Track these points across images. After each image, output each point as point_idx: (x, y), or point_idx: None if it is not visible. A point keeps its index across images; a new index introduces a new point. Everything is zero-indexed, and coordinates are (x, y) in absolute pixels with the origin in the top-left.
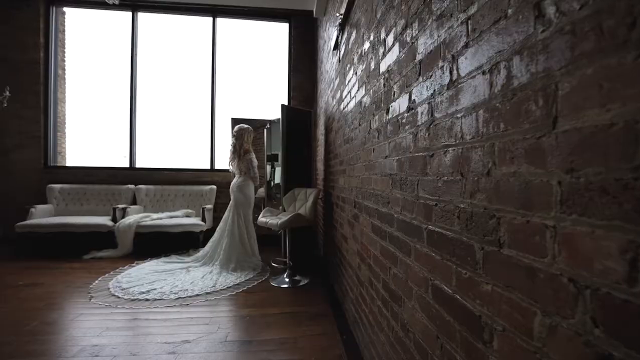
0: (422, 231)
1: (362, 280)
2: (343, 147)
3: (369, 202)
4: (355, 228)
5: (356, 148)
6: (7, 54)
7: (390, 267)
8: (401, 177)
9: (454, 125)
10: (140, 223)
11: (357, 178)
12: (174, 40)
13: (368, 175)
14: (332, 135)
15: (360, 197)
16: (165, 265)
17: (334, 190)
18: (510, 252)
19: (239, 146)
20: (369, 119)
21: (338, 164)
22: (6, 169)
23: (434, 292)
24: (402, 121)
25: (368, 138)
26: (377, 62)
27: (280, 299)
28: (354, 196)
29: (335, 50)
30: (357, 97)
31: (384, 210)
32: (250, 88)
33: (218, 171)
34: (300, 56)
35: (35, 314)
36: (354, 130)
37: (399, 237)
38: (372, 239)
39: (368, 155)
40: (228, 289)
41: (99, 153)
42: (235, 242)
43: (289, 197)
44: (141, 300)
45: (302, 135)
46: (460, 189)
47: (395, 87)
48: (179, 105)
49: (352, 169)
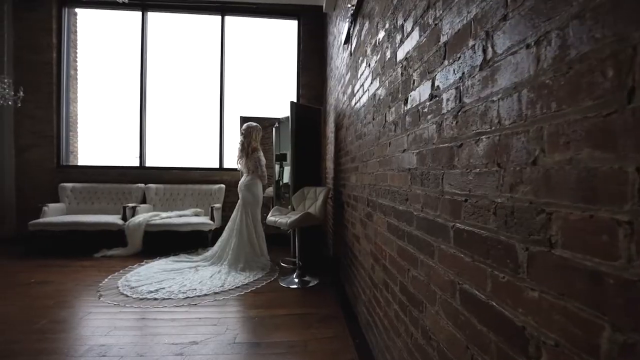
0: (448, 230)
1: (375, 282)
2: (355, 144)
3: (384, 199)
4: (369, 227)
5: (369, 144)
6: (22, 55)
7: (409, 268)
8: (422, 172)
9: (488, 110)
10: (149, 222)
11: (371, 175)
12: (183, 39)
13: (383, 171)
14: (343, 132)
15: (374, 195)
16: (174, 264)
17: (344, 189)
18: (565, 253)
19: (247, 144)
20: (384, 112)
21: (349, 161)
22: (21, 168)
23: (463, 297)
24: (423, 111)
25: (383, 132)
26: (393, 51)
27: (290, 299)
28: (367, 194)
29: (346, 44)
30: (370, 90)
31: (402, 207)
32: (259, 86)
33: (227, 170)
34: (309, 53)
35: (45, 312)
36: (367, 125)
37: (419, 237)
38: (387, 238)
39: (383, 150)
40: (236, 289)
41: (110, 152)
42: (243, 242)
43: (298, 195)
44: (149, 300)
45: (311, 133)
46: (496, 181)
47: (414, 75)
48: (188, 105)
49: (365, 166)
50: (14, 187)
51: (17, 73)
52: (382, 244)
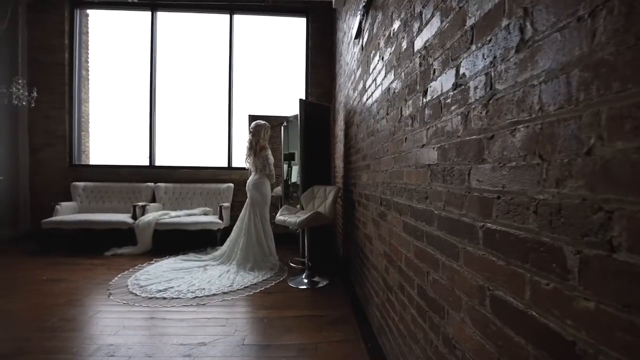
0: (477, 230)
1: (390, 285)
2: (367, 141)
3: (400, 198)
4: (382, 227)
5: (383, 140)
6: (36, 56)
7: (429, 271)
8: (444, 168)
9: (527, 96)
10: (159, 220)
11: (384, 173)
12: (191, 38)
13: (398, 168)
14: (353, 129)
15: (388, 193)
16: (183, 264)
17: (355, 188)
18: (631, 258)
19: (255, 143)
20: (399, 106)
21: (360, 159)
22: (35, 167)
23: (495, 304)
24: (445, 102)
25: (398, 127)
26: (410, 41)
27: (299, 300)
28: (380, 192)
29: (357, 38)
30: (383, 84)
31: (420, 206)
32: (268, 85)
33: (235, 169)
34: (318, 51)
35: (55, 310)
36: (380, 121)
37: (440, 237)
38: (403, 239)
39: (398, 146)
40: (245, 289)
41: (121, 151)
42: (252, 242)
43: (308, 195)
44: (158, 299)
45: (320, 131)
46: (538, 175)
47: (435, 64)
48: (197, 104)
49: (378, 163)
50: (29, 185)
51: (31, 74)
52: (397, 245)
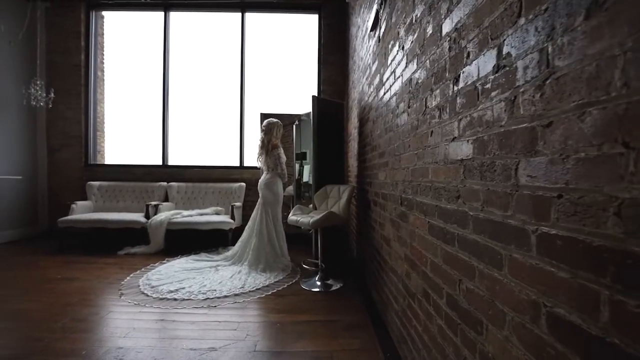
0: (528, 235)
1: (412, 291)
2: (384, 137)
3: (425, 197)
4: (402, 229)
5: (403, 135)
6: (54, 58)
7: (461, 279)
8: (482, 162)
9: (603, 71)
10: (171, 220)
11: (405, 170)
12: (203, 38)
13: (422, 165)
14: (369, 126)
15: (410, 192)
16: (195, 264)
17: (370, 187)
18: None
19: (268, 141)
20: (423, 98)
21: (377, 156)
22: (53, 167)
23: (554, 324)
24: (484, 87)
25: (422, 120)
26: (437, 24)
27: (312, 304)
28: (400, 191)
29: (373, 31)
30: (404, 75)
31: (451, 206)
32: (279, 83)
33: (247, 168)
34: (330, 47)
35: (68, 310)
36: (400, 115)
37: (477, 242)
38: (429, 242)
39: (422, 141)
40: (257, 291)
41: (135, 151)
42: (263, 242)
43: (321, 194)
44: (169, 300)
45: (333, 128)
46: (619, 168)
47: (470, 46)
48: (209, 103)
49: (398, 161)
50: (47, 185)
51: (49, 76)
52: (421, 248)
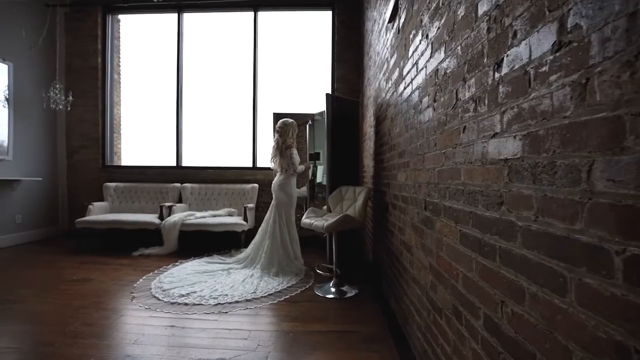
0: (609, 256)
1: (438, 306)
2: (404, 136)
3: (455, 202)
4: (427, 236)
5: (428, 132)
6: (73, 62)
7: (504, 301)
8: (535, 162)
9: None
10: (184, 221)
11: (430, 171)
12: (216, 38)
13: (452, 165)
14: (387, 124)
15: (436, 196)
16: (207, 266)
17: (388, 189)
18: None
19: (282, 142)
20: (453, 89)
21: (396, 156)
22: (72, 169)
23: None
24: (538, 71)
25: (452, 115)
26: (471, 4)
27: (327, 312)
28: (424, 195)
29: (391, 22)
30: (428, 66)
31: (490, 214)
32: (292, 82)
33: (260, 169)
34: (344, 44)
35: (80, 313)
36: (424, 111)
37: (529, 259)
38: (461, 253)
39: (452, 138)
40: (269, 297)
41: (151, 152)
42: (276, 245)
43: (336, 196)
44: (180, 305)
45: (348, 128)
46: None
47: (517, 24)
48: (222, 103)
49: (420, 160)
50: (67, 186)
51: (68, 79)
52: (450, 260)
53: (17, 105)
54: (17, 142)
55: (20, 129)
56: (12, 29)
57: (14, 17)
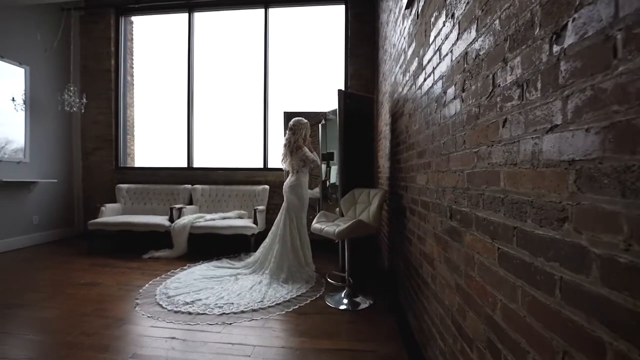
0: None
1: (467, 335)
2: (424, 133)
3: (492, 212)
4: (453, 249)
5: (454, 128)
6: (88, 64)
7: (568, 351)
8: (625, 166)
9: None
10: (194, 224)
11: (457, 174)
12: (227, 37)
13: (487, 167)
14: (404, 120)
15: (466, 204)
16: (215, 271)
17: (406, 192)
18: None
19: (294, 141)
20: (488, 74)
21: (415, 156)
22: (87, 170)
23: None
24: (631, 34)
25: (487, 106)
26: None
27: (338, 326)
28: (450, 201)
29: (408, 8)
30: (455, 51)
31: (546, 233)
32: (304, 80)
33: (271, 170)
34: (357, 39)
35: (81, 321)
36: (449, 103)
37: (613, 303)
38: (499, 277)
39: (487, 134)
40: (277, 306)
41: (163, 153)
42: (286, 249)
43: (348, 199)
44: (183, 314)
45: (362, 126)
46: None
47: None
48: (233, 103)
49: (445, 161)
50: (82, 187)
51: (83, 81)
52: (484, 282)
53: (33, 108)
54: (33, 144)
55: (37, 131)
56: (27, 33)
57: (30, 21)
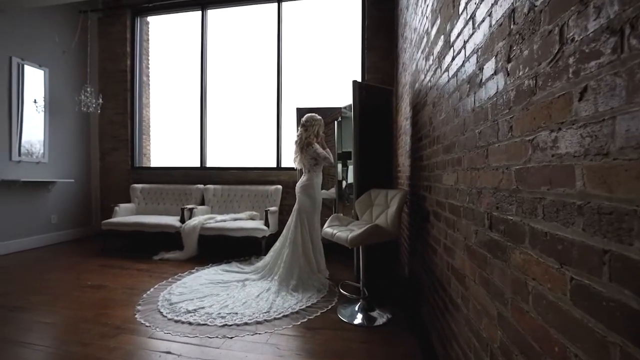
0: None
1: None
2: (453, 123)
3: (562, 226)
4: (493, 269)
5: (494, 112)
6: (105, 65)
7: None
8: None
9: None
10: (204, 225)
11: (500, 171)
12: (239, 35)
13: (549, 160)
14: (427, 111)
15: (514, 210)
16: (223, 275)
17: (429, 193)
18: None
19: (305, 138)
20: (550, 29)
21: (440, 151)
22: (104, 170)
23: None
24: None
25: (549, 74)
26: None
27: (351, 346)
28: (488, 206)
29: None
30: (495, 12)
31: None
32: (318, 75)
33: (284, 169)
34: (375, 30)
35: (79, 329)
36: (486, 82)
37: None
38: (572, 321)
39: (550, 113)
40: (284, 318)
41: (178, 153)
42: (297, 254)
43: (364, 201)
44: (184, 324)
45: (380, 120)
46: None
47: None
48: (246, 101)
49: (481, 155)
50: (99, 187)
51: (102, 82)
52: (546, 323)
53: (52, 109)
54: (52, 144)
55: (55, 132)
56: (46, 35)
57: (48, 24)
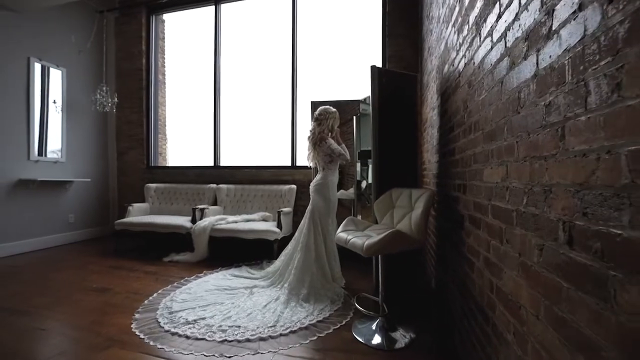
0: None
1: None
2: (500, 101)
3: None
4: (577, 307)
5: (579, 69)
6: (121, 64)
7: None
8: None
9: None
10: (214, 226)
11: (588, 158)
12: (253, 29)
13: None
14: (460, 94)
15: (627, 219)
16: (231, 281)
17: (463, 193)
18: None
19: (318, 132)
20: None
21: (480, 140)
22: (121, 169)
23: None
24: None
25: None
26: None
27: None
28: (565, 211)
29: None
30: None
31: None
32: (335, 67)
33: (299, 168)
34: (397, 16)
35: (72, 337)
36: (557, 31)
37: None
38: None
39: None
40: (291, 335)
41: (193, 152)
42: (310, 260)
43: (384, 201)
44: (180, 337)
45: (403, 112)
46: None
47: None
48: (260, 98)
49: (551, 136)
50: (116, 187)
51: (118, 81)
52: None
53: (70, 109)
54: (69, 144)
55: (72, 131)
56: (63, 36)
57: (65, 24)
